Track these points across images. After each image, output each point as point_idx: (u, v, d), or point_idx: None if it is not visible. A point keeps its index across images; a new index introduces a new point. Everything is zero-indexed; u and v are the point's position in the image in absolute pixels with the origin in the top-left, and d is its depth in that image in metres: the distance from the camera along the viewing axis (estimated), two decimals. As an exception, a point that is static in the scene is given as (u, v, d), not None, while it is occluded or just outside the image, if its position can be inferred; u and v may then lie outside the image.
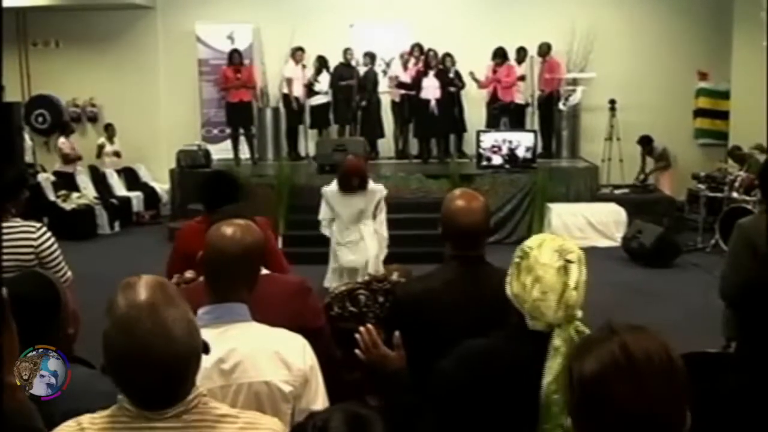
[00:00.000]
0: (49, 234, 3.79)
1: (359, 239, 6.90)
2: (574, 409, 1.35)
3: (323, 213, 7.13)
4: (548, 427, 1.88)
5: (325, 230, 7.14)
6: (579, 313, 1.96)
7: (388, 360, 2.36)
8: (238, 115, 12.27)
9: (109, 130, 13.03)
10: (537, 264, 1.95)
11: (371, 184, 7.05)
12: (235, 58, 12.28)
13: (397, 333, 2.39)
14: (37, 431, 1.69)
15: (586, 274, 1.98)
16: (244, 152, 12.60)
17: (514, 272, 2.00)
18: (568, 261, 1.95)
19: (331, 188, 7.02)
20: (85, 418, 1.62)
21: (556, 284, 1.92)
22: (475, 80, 12.25)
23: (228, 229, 2.26)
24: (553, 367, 1.89)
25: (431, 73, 11.97)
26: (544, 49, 12.53)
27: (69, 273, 3.82)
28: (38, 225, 3.79)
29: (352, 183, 6.85)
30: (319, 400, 2.16)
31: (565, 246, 1.99)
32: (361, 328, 2.41)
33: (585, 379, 1.31)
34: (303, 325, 2.33)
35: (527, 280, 1.94)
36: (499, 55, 12.23)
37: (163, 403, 1.59)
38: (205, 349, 1.67)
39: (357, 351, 2.39)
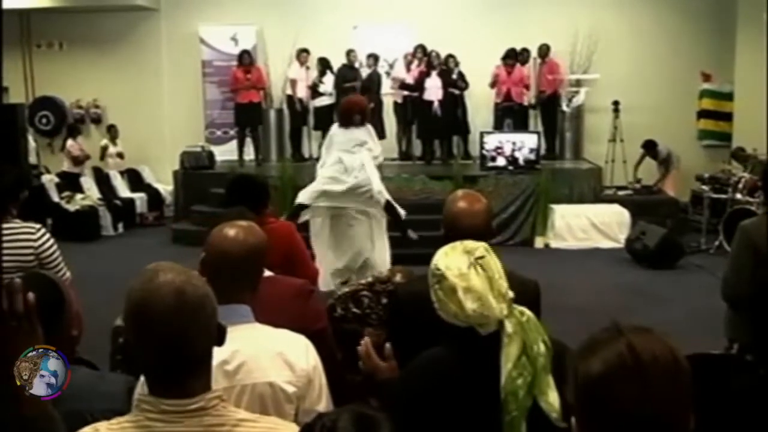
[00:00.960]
0: (48, 235, 3.80)
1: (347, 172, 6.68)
2: (578, 409, 1.35)
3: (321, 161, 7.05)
4: (517, 414, 1.89)
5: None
6: (511, 294, 1.98)
7: (378, 371, 2.40)
8: (246, 115, 12.31)
9: (112, 132, 13.05)
10: (457, 278, 1.95)
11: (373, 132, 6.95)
12: (245, 59, 12.33)
13: (388, 345, 2.42)
14: None
15: (496, 257, 2.01)
16: (248, 153, 12.62)
17: (441, 298, 1.99)
18: (479, 258, 1.97)
19: (333, 128, 7.01)
20: (103, 425, 1.63)
21: (483, 284, 1.94)
22: (491, 85, 12.29)
23: (231, 231, 2.25)
24: (511, 353, 1.91)
25: (434, 73, 11.98)
26: (544, 51, 12.54)
27: (68, 273, 3.83)
28: (38, 226, 3.80)
29: (353, 119, 6.71)
30: (322, 400, 2.17)
31: (467, 247, 2.01)
32: (362, 341, 2.47)
33: (591, 380, 1.30)
34: (304, 328, 2.33)
35: (459, 297, 1.94)
36: (511, 56, 12.25)
37: (178, 380, 1.58)
38: (221, 335, 1.69)
39: (360, 363, 2.45)
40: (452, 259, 1.99)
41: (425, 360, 2.10)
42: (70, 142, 12.55)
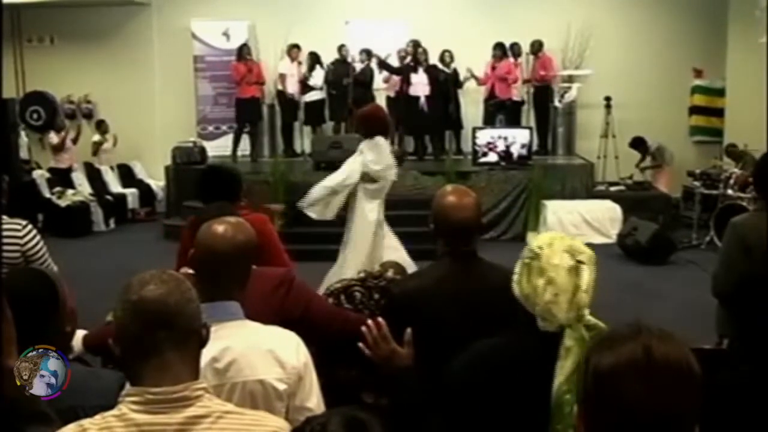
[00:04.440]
0: (35, 232, 3.75)
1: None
2: (585, 399, 1.36)
3: None
4: (560, 427, 1.87)
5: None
6: (587, 313, 1.93)
7: (397, 356, 2.34)
8: (248, 111, 12.30)
9: (102, 127, 12.99)
10: (549, 265, 1.91)
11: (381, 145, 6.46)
12: (244, 51, 12.29)
13: (408, 330, 2.36)
14: (43, 415, 1.69)
15: (595, 273, 1.94)
16: (241, 149, 12.58)
17: (524, 273, 1.96)
18: (580, 262, 1.92)
19: None
20: (87, 421, 1.63)
21: (567, 286, 1.89)
22: (475, 78, 12.28)
23: (219, 227, 2.24)
24: (565, 366, 1.88)
25: (421, 69, 11.96)
26: (536, 47, 12.54)
27: (55, 269, 3.80)
28: (24, 223, 3.75)
29: (359, 131, 6.50)
30: (313, 397, 2.16)
31: (575, 246, 1.96)
32: (369, 322, 2.37)
33: (600, 372, 1.31)
34: (285, 318, 2.31)
35: (539, 282, 1.91)
36: (498, 51, 12.25)
37: (164, 356, 1.60)
38: (205, 333, 1.71)
39: (361, 345, 2.36)
40: (554, 246, 1.95)
41: (485, 349, 2.06)
42: (51, 134, 12.53)
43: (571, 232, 10.41)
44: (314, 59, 12.46)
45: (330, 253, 8.20)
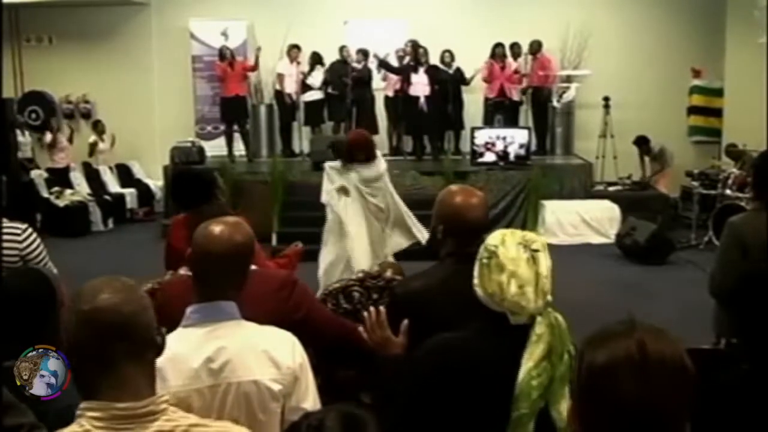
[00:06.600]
0: (34, 236, 3.73)
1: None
2: (578, 395, 1.36)
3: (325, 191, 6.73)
4: (526, 412, 1.90)
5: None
6: (550, 298, 2.00)
7: (390, 343, 2.42)
8: (232, 110, 12.24)
9: (99, 127, 12.98)
10: (507, 260, 1.97)
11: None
12: (224, 51, 12.30)
13: (405, 321, 2.43)
14: (15, 405, 1.68)
15: (550, 259, 2.02)
16: (239, 149, 12.58)
17: (485, 273, 2.01)
18: (535, 251, 1.99)
19: (334, 164, 6.73)
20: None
21: (530, 276, 1.96)
22: (484, 79, 12.30)
23: (216, 228, 2.23)
24: (535, 352, 1.92)
25: (421, 70, 11.96)
26: (535, 47, 12.55)
27: (54, 271, 3.79)
28: (24, 226, 3.73)
29: (358, 158, 6.54)
30: (309, 397, 2.16)
31: (527, 237, 2.03)
32: (371, 308, 2.49)
33: (595, 368, 1.32)
34: (285, 321, 2.31)
35: (502, 278, 1.96)
36: (501, 51, 12.28)
37: (122, 370, 1.55)
38: (161, 340, 1.66)
39: (360, 328, 2.48)
40: (507, 241, 2.01)
41: (450, 340, 2.10)
42: (46, 134, 12.55)
43: (569, 232, 10.46)
44: (316, 59, 12.45)
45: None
